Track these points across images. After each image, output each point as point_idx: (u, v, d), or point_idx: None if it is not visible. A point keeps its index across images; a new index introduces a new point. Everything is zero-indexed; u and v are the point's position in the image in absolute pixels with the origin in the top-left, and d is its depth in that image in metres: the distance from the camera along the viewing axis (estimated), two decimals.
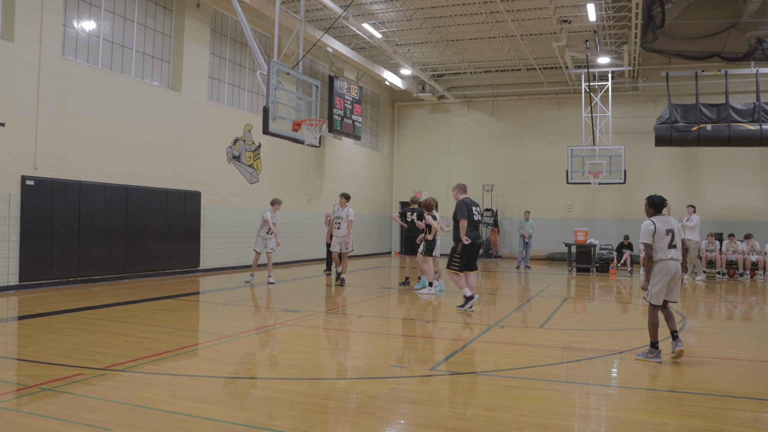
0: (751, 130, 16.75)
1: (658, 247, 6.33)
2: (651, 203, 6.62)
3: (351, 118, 20.06)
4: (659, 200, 6.59)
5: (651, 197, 6.63)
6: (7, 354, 6.40)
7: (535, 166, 23.63)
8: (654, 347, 6.24)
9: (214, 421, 4.23)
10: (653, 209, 6.59)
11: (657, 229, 6.34)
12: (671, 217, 6.50)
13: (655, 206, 6.58)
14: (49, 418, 4.25)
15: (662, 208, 6.58)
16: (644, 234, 6.38)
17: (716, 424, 4.39)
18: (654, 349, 6.22)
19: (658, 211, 6.58)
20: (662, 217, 6.48)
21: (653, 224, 6.37)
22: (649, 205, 6.63)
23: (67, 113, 11.70)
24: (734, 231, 18.63)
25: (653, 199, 6.61)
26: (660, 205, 6.57)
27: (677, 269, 6.32)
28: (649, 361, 6.14)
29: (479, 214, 9.51)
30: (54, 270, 11.41)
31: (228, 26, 16.47)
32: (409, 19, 17.52)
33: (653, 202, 6.60)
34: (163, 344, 6.73)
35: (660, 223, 6.38)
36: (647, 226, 6.39)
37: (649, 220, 6.45)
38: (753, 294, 13.33)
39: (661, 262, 6.33)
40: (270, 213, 12.83)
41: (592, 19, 16.42)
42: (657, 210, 6.58)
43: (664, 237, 6.32)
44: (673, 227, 6.39)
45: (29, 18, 10.99)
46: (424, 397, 4.95)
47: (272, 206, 12.96)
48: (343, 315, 9.35)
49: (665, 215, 6.55)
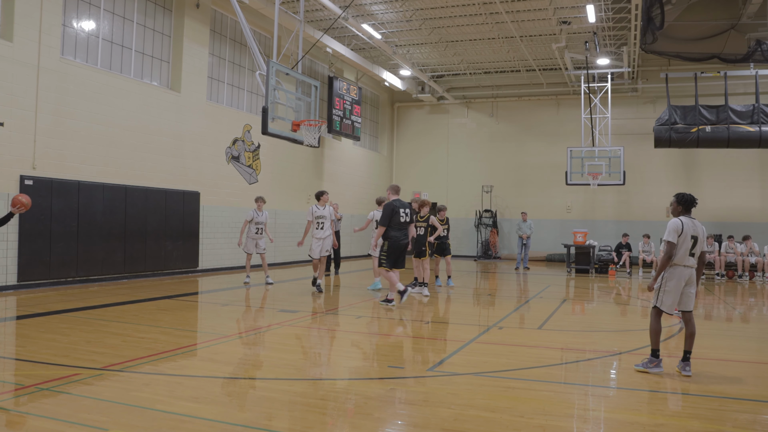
0: (750, 131, 16.77)
1: (677, 251, 5.82)
2: (680, 200, 6.02)
3: (350, 119, 20.05)
4: (689, 198, 6.00)
5: (681, 194, 6.06)
6: (5, 354, 6.39)
7: (535, 167, 23.64)
8: (655, 356, 5.86)
9: (212, 421, 4.22)
10: (682, 207, 6.02)
11: (684, 231, 5.82)
12: (700, 224, 5.94)
13: (685, 204, 6.00)
14: (46, 418, 4.24)
15: (692, 207, 6.01)
16: (670, 231, 5.82)
17: (714, 425, 4.38)
18: (654, 359, 5.84)
19: (687, 210, 6.00)
20: (690, 220, 5.92)
21: (681, 223, 5.85)
22: (677, 203, 6.04)
23: (66, 113, 11.69)
24: (733, 232, 18.66)
25: (683, 197, 6.02)
26: (690, 203, 5.99)
27: (692, 276, 5.88)
28: (650, 372, 5.78)
29: (407, 216, 9.98)
30: (52, 270, 11.40)
31: (227, 26, 16.47)
32: (408, 19, 17.53)
33: (683, 199, 6.01)
34: (161, 344, 6.72)
35: (687, 226, 5.85)
36: (675, 224, 5.84)
37: (677, 219, 5.90)
38: (752, 295, 13.33)
39: (676, 267, 5.85)
40: (253, 212, 12.61)
41: (592, 21, 16.42)
42: (686, 209, 6.01)
43: (687, 241, 5.81)
44: (699, 234, 5.87)
45: (28, 18, 10.99)
46: (422, 397, 4.94)
47: (256, 203, 12.73)
48: (341, 316, 9.34)
49: (694, 218, 5.97)
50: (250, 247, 12.67)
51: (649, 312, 10.67)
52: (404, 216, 9.92)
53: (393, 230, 9.84)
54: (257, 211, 12.61)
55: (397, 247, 9.84)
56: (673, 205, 6.12)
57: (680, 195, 6.05)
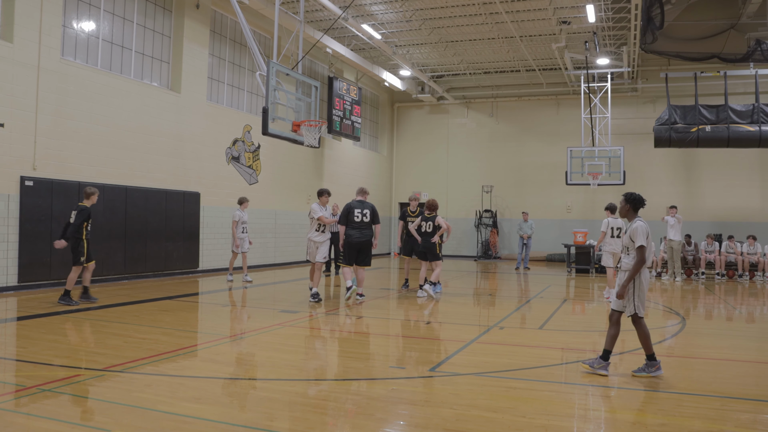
0: (750, 131, 16.77)
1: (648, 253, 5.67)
2: (629, 200, 5.82)
3: (350, 119, 20.05)
4: (639, 198, 5.83)
5: (631, 194, 5.83)
6: (6, 355, 6.39)
7: (535, 167, 23.65)
8: (652, 359, 5.70)
9: (213, 422, 4.22)
10: (631, 207, 5.83)
11: (648, 232, 5.68)
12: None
13: (634, 203, 5.84)
14: (47, 419, 4.24)
15: (641, 207, 5.85)
16: (640, 235, 5.61)
17: (716, 425, 4.38)
18: (653, 362, 5.69)
19: (636, 211, 5.84)
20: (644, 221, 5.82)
21: (646, 225, 5.68)
22: (626, 201, 5.84)
23: (67, 114, 11.70)
24: (733, 232, 18.66)
25: (633, 197, 5.82)
26: (640, 203, 5.84)
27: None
28: (651, 376, 5.64)
29: (363, 216, 10.49)
30: (53, 271, 11.40)
31: (227, 27, 16.47)
32: (408, 20, 17.53)
33: (632, 198, 5.82)
34: (163, 345, 6.72)
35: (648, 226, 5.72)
36: (643, 227, 5.65)
37: (642, 222, 5.73)
38: (752, 295, 13.33)
39: (644, 270, 5.71)
40: (240, 212, 13.24)
41: (592, 21, 16.43)
42: (635, 210, 5.84)
43: (651, 242, 5.70)
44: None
45: (28, 18, 10.99)
46: (424, 398, 4.94)
47: (241, 205, 13.41)
48: (343, 316, 9.34)
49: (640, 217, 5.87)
50: (245, 247, 13.38)
51: (648, 312, 10.72)
52: (359, 216, 10.46)
53: (348, 229, 10.46)
54: (243, 212, 13.28)
55: (349, 245, 10.42)
56: (622, 203, 5.90)
57: (632, 194, 5.85)
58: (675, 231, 15.62)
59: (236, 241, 13.19)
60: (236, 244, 13.21)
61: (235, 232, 13.19)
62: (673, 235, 15.65)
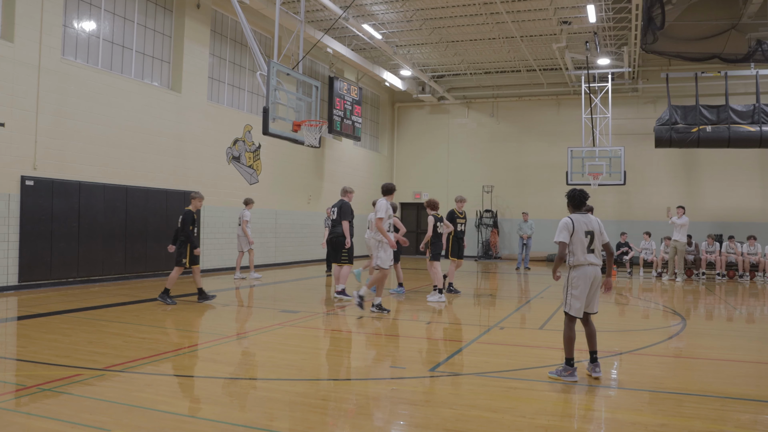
0: (750, 131, 16.76)
1: (575, 250, 5.58)
2: (569, 197, 5.78)
3: (351, 119, 20.06)
4: (579, 194, 5.75)
5: (571, 190, 5.81)
6: (7, 354, 6.39)
7: (535, 167, 23.64)
8: (569, 364, 5.54)
9: (213, 421, 4.22)
10: (570, 204, 5.78)
11: (575, 228, 5.56)
12: (593, 217, 5.74)
13: (573, 200, 5.76)
14: (48, 418, 4.24)
15: (582, 204, 5.77)
16: (560, 231, 5.58)
17: (716, 425, 4.38)
18: (569, 367, 5.53)
19: (577, 207, 5.76)
20: (583, 215, 5.68)
21: (571, 221, 5.58)
22: (567, 197, 5.81)
23: (67, 113, 11.70)
24: (734, 232, 18.66)
25: (572, 193, 5.77)
26: (579, 199, 5.74)
27: (596, 275, 5.67)
28: (563, 380, 5.46)
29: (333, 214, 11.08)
30: (53, 270, 11.41)
31: (228, 27, 16.47)
32: (409, 20, 17.53)
33: (571, 195, 5.76)
34: (163, 345, 6.72)
35: (578, 222, 5.59)
36: (564, 223, 5.60)
37: (567, 218, 5.64)
38: (752, 296, 13.32)
39: (579, 268, 5.61)
40: (248, 212, 14.05)
41: (592, 21, 16.42)
42: (576, 206, 5.76)
43: (582, 239, 5.57)
44: (594, 229, 5.63)
45: (29, 18, 10.99)
46: (424, 398, 4.94)
47: (247, 206, 14.11)
48: (343, 316, 9.34)
49: (587, 214, 5.75)
50: (245, 245, 14.03)
51: (649, 312, 10.73)
52: (332, 213, 11.12)
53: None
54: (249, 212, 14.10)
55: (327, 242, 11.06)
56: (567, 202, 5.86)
57: (569, 191, 5.80)
58: (682, 232, 15.61)
59: (249, 239, 13.88)
60: (250, 241, 13.93)
61: (247, 232, 13.85)
62: (679, 236, 15.64)
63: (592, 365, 5.64)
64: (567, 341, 5.61)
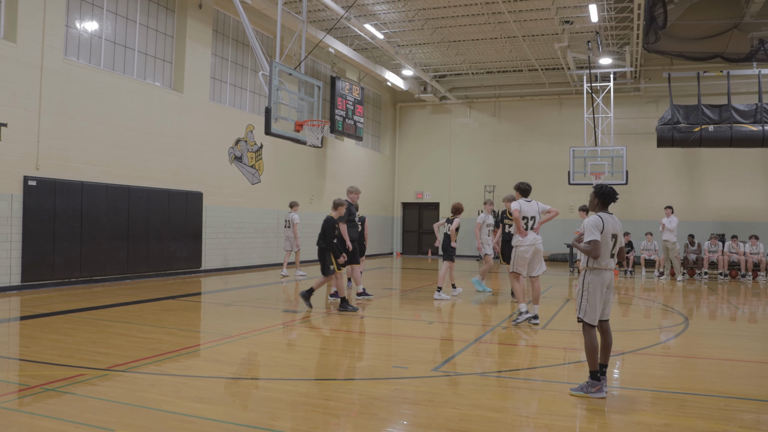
0: (753, 131, 16.74)
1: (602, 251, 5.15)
2: (598, 193, 5.27)
3: (353, 119, 20.07)
4: (609, 191, 5.27)
5: (600, 186, 5.32)
6: (10, 354, 6.40)
7: (537, 167, 23.60)
8: (595, 378, 5.04)
9: (217, 421, 4.23)
10: (599, 201, 5.28)
11: (605, 228, 5.13)
12: (618, 220, 5.33)
13: (603, 197, 5.27)
14: (51, 418, 4.25)
15: (611, 201, 5.29)
16: (591, 229, 5.11)
17: (719, 425, 4.38)
18: (595, 382, 5.02)
19: (605, 205, 5.28)
20: (610, 216, 5.24)
21: (601, 220, 5.14)
22: (595, 195, 5.29)
23: (70, 114, 11.72)
24: (736, 232, 18.63)
25: (602, 189, 5.28)
26: (609, 197, 5.27)
27: (611, 280, 5.23)
28: (591, 396, 4.96)
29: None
30: (56, 270, 11.42)
31: (230, 27, 16.49)
32: (411, 20, 17.53)
33: (601, 192, 5.27)
34: (166, 345, 6.73)
35: (608, 223, 5.16)
36: (595, 221, 5.13)
37: (597, 215, 5.20)
38: (755, 295, 13.31)
39: (598, 272, 5.16)
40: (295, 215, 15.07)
41: (594, 20, 16.40)
42: (604, 204, 5.28)
43: (608, 241, 5.16)
44: (618, 232, 5.24)
45: (31, 18, 11.01)
46: (427, 397, 4.94)
47: (292, 208, 15.17)
48: (345, 316, 9.34)
49: (613, 215, 5.31)
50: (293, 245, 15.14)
51: (651, 311, 10.72)
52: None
53: None
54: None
55: None
56: (590, 198, 5.38)
57: (599, 187, 5.31)
58: (669, 233, 15.74)
59: (297, 241, 15.02)
60: (297, 243, 15.04)
61: (296, 233, 14.93)
62: (668, 236, 15.75)
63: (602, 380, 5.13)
64: (590, 352, 5.09)
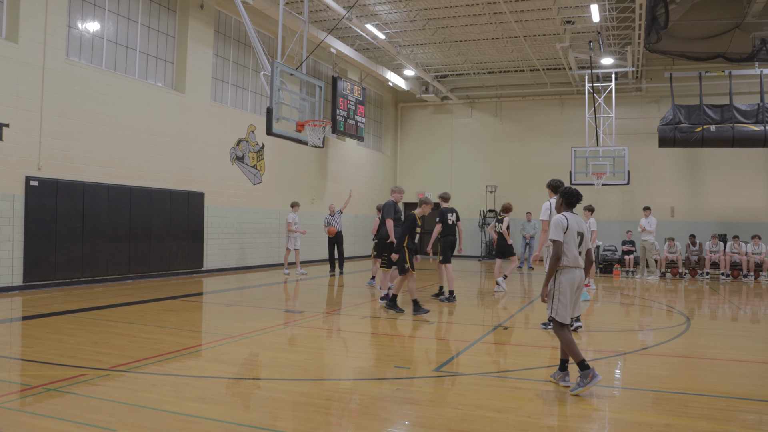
0: (755, 130, 16.72)
1: (567, 250, 5.17)
2: (563, 194, 5.33)
3: (354, 119, 20.08)
4: (574, 192, 5.32)
5: (566, 188, 5.37)
6: (12, 354, 6.41)
7: (539, 167, 23.58)
8: (585, 367, 5.03)
9: (218, 421, 4.23)
10: (564, 201, 5.34)
11: (569, 227, 5.17)
12: (582, 219, 5.36)
13: (568, 197, 5.33)
14: (53, 418, 4.26)
15: (576, 202, 5.35)
16: (554, 228, 5.14)
17: (721, 425, 4.37)
18: (586, 371, 5.02)
19: (570, 205, 5.35)
20: (574, 216, 5.30)
21: (566, 219, 5.19)
22: (561, 196, 5.36)
23: (71, 114, 11.73)
24: (738, 232, 18.60)
25: (567, 191, 5.33)
26: (574, 197, 5.33)
27: (582, 278, 5.26)
28: (590, 388, 5.01)
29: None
30: (58, 270, 11.44)
31: (231, 27, 16.50)
32: (412, 20, 17.52)
33: (566, 193, 5.32)
34: (167, 345, 6.73)
35: (572, 222, 5.21)
36: (558, 220, 5.18)
37: (561, 215, 5.26)
38: (757, 295, 13.29)
39: (569, 270, 5.20)
40: (293, 215, 15.30)
41: (596, 20, 16.39)
42: (570, 204, 5.35)
43: (574, 239, 5.18)
44: (584, 231, 5.28)
45: (33, 19, 11.02)
46: (428, 398, 4.94)
47: (293, 208, 15.41)
48: (347, 316, 9.34)
49: (576, 214, 5.36)
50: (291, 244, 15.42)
51: (650, 310, 10.70)
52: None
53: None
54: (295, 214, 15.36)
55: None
56: (557, 198, 5.45)
57: (564, 189, 5.36)
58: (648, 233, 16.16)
59: (287, 240, 15.43)
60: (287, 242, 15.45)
61: (292, 231, 15.16)
62: (646, 236, 16.19)
63: (562, 374, 5.32)
64: (568, 345, 5.18)
